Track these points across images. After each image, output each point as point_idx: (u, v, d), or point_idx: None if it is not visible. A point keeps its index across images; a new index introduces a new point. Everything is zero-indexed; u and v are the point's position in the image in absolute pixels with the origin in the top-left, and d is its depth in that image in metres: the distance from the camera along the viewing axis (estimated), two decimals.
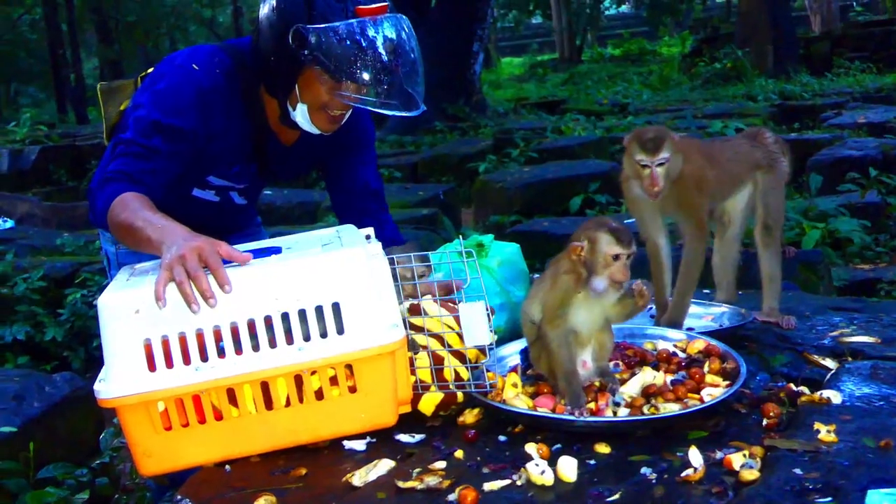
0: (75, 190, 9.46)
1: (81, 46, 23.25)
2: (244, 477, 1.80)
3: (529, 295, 2.05)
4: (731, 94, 14.25)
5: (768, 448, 1.72)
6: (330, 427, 1.88)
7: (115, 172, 2.15)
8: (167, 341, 1.80)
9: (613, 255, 1.91)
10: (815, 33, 19.51)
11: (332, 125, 2.29)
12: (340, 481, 1.72)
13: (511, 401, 1.92)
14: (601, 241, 1.91)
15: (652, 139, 2.33)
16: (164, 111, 2.20)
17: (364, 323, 1.84)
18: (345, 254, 1.89)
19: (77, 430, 3.30)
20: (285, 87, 2.22)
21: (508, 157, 9.45)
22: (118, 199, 2.10)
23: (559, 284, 1.95)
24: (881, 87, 13.37)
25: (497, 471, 1.71)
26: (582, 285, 1.93)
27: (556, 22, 29.27)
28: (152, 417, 1.82)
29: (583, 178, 7.63)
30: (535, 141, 10.15)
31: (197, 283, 1.79)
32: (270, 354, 1.82)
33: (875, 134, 8.44)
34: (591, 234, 1.93)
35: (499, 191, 7.39)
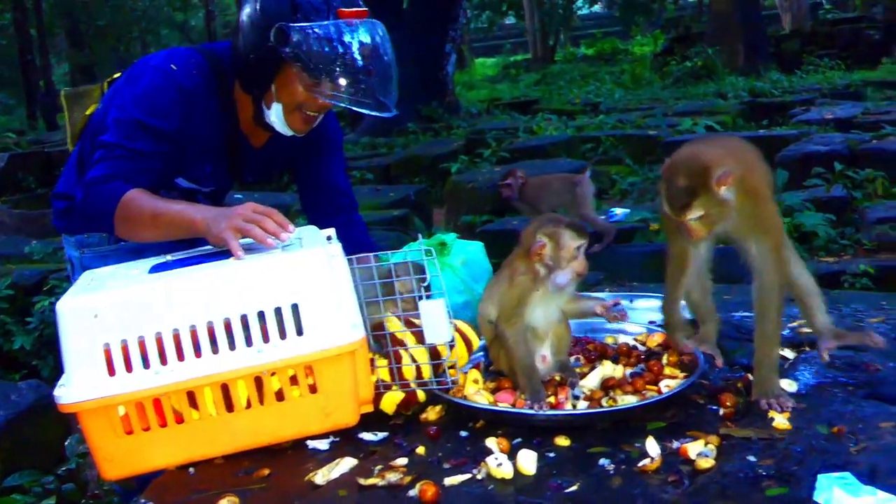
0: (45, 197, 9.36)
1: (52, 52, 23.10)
2: (208, 479, 1.81)
3: (485, 295, 2.07)
4: (702, 92, 14.34)
5: (724, 437, 1.75)
6: (292, 428, 1.89)
7: (106, 176, 2.18)
8: (126, 345, 1.80)
9: (577, 246, 1.94)
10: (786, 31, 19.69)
11: (305, 126, 2.32)
12: (303, 480, 1.74)
13: (472, 397, 1.94)
14: (563, 237, 1.93)
15: (678, 195, 1.83)
16: (145, 112, 2.23)
17: (324, 323, 1.85)
18: (304, 255, 1.90)
19: (44, 438, 3.29)
20: (262, 84, 2.26)
21: (480, 158, 9.47)
22: (125, 197, 2.16)
23: (516, 284, 1.97)
24: (849, 83, 13.50)
25: (458, 466, 1.72)
26: (540, 283, 1.95)
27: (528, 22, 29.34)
28: (113, 422, 1.82)
29: None
30: (507, 141, 10.17)
31: (264, 225, 1.93)
32: (230, 356, 1.82)
33: (842, 129, 8.52)
34: (551, 231, 1.95)
35: (470, 191, 7.40)
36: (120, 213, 2.16)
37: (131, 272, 2.00)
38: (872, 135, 7.70)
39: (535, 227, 1.98)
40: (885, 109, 9.57)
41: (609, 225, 4.87)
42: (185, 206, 2.13)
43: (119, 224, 2.18)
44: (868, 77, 14.08)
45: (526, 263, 1.96)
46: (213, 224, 2.00)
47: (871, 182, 6.45)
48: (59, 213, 2.57)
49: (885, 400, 1.90)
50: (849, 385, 1.98)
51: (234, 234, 1.95)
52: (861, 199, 6.32)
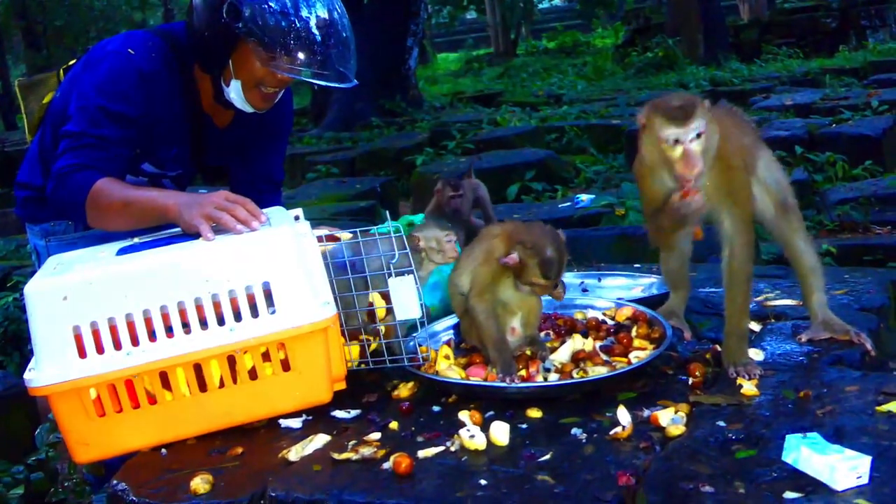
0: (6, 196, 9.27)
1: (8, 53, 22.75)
2: (181, 459, 1.81)
3: (458, 266, 2.09)
4: (664, 82, 14.43)
5: (694, 404, 1.78)
6: (265, 406, 1.90)
7: (75, 165, 2.17)
8: (97, 327, 1.79)
9: (538, 284, 1.95)
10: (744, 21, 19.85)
11: (265, 103, 2.32)
12: (277, 458, 1.74)
13: (444, 372, 1.95)
14: (530, 269, 1.93)
15: (681, 106, 1.83)
16: (107, 98, 2.21)
17: (295, 301, 1.85)
18: (273, 233, 1.90)
19: (12, 429, 3.26)
20: (219, 62, 2.25)
21: (445, 150, 9.47)
22: (96, 186, 2.14)
23: (489, 265, 1.99)
24: (808, 71, 13.65)
25: (431, 439, 1.74)
26: (510, 276, 1.97)
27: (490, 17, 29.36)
28: (85, 404, 1.82)
29: (519, 167, 7.68)
30: (472, 132, 10.18)
31: (236, 214, 1.92)
32: (202, 336, 1.82)
33: (801, 115, 8.62)
34: (524, 253, 1.93)
35: (436, 182, 7.40)
36: (91, 202, 2.14)
37: (99, 255, 1.99)
38: (832, 119, 7.80)
39: (521, 236, 1.95)
40: (843, 95, 9.70)
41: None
42: (158, 193, 2.12)
43: (90, 213, 2.16)
44: (826, 64, 14.23)
45: (503, 248, 1.96)
46: (186, 210, 1.99)
47: (831, 165, 6.54)
48: (21, 202, 2.54)
49: (849, 366, 1.94)
50: (814, 353, 2.02)
51: (205, 221, 1.94)
52: (822, 181, 6.40)
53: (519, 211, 5.75)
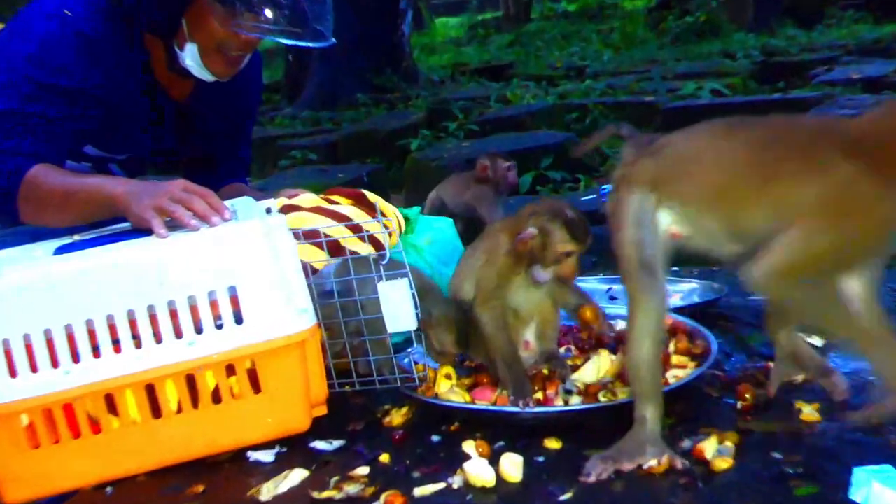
0: None
1: None
2: (129, 498, 1.81)
3: (458, 271, 2.10)
4: (706, 51, 14.47)
5: (743, 432, 1.78)
6: (231, 436, 1.90)
7: (5, 151, 2.17)
8: (30, 340, 1.79)
9: (565, 252, 1.95)
10: None
11: (229, 68, 2.32)
12: (245, 496, 1.74)
13: (445, 395, 1.96)
14: (554, 235, 1.95)
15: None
16: (41, 69, 2.21)
17: (266, 310, 1.86)
18: (240, 228, 1.90)
19: None
20: (171, 23, 2.24)
21: (445, 132, 9.51)
22: (30, 174, 2.17)
23: (496, 263, 2.00)
24: (879, 38, 13.67)
25: (429, 474, 1.74)
26: (521, 267, 1.98)
27: None
28: (15, 433, 1.82)
29: (533, 153, 7.70)
30: (477, 112, 10.22)
31: (192, 206, 1.92)
32: (156, 351, 1.83)
33: (871, 90, 8.65)
34: (544, 223, 1.96)
35: (435, 170, 7.42)
36: (24, 193, 2.15)
37: (33, 254, 2.00)
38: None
39: (534, 211, 2.00)
40: None
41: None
42: (103, 180, 2.13)
43: (24, 206, 2.17)
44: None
45: (511, 241, 1.98)
46: (135, 201, 2.00)
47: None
48: None
49: None
50: None
51: (158, 214, 1.95)
52: None
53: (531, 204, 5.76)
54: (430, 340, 2.02)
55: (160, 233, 1.91)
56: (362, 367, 2.05)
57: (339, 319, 2.01)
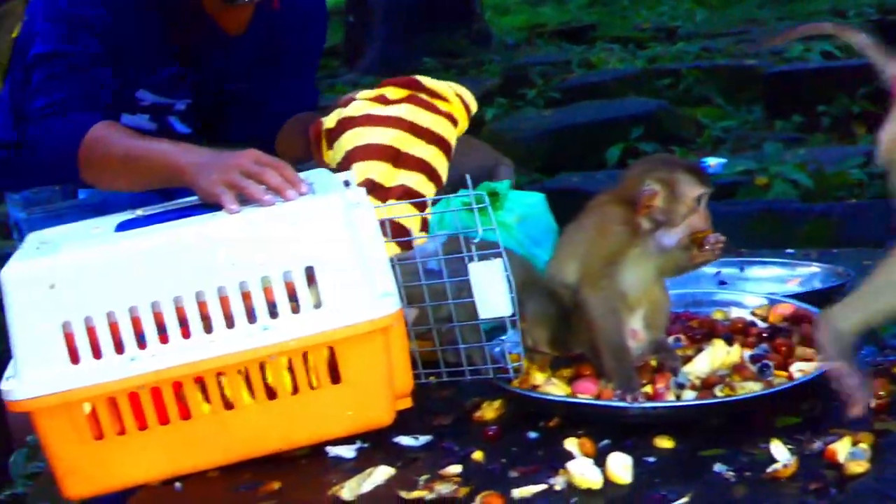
0: None
1: None
2: (200, 496, 1.83)
3: (558, 254, 2.08)
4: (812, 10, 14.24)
5: (880, 433, 1.75)
6: (308, 429, 1.90)
7: (59, 102, 2.20)
8: (92, 324, 1.81)
9: (697, 196, 1.95)
10: None
11: None
12: (325, 495, 1.75)
13: (543, 387, 1.95)
14: (681, 185, 1.94)
15: None
16: (77, 2, 2.23)
17: (346, 292, 1.86)
18: (317, 203, 1.91)
19: None
20: None
21: (523, 100, 9.48)
22: (92, 132, 2.17)
23: (609, 237, 1.98)
24: None
25: (528, 474, 1.73)
26: (641, 238, 1.96)
27: None
28: (77, 423, 1.84)
29: (621, 122, 7.67)
30: (558, 78, 10.17)
31: (265, 179, 1.91)
32: (227, 337, 1.83)
33: None
34: (664, 175, 1.95)
35: (513, 142, 7.42)
36: (84, 154, 2.17)
37: (93, 231, 2.02)
38: None
39: (643, 170, 1.99)
40: None
41: None
42: (168, 147, 2.14)
43: (84, 168, 2.19)
44: None
45: (624, 211, 1.96)
46: (203, 174, 2.01)
47: None
48: None
49: None
50: None
51: (228, 188, 1.95)
52: None
53: None
54: (524, 336, 2.01)
55: (231, 209, 1.91)
56: (450, 357, 2.05)
57: (426, 304, 2.00)
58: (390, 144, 2.28)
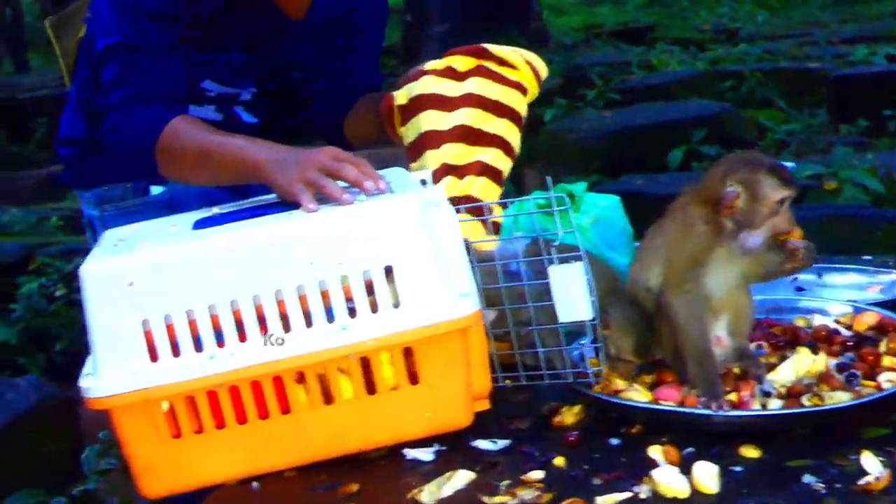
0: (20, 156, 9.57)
1: None
2: (277, 495, 1.82)
3: (639, 258, 2.06)
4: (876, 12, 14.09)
5: None
6: (386, 430, 1.89)
7: (134, 97, 2.20)
8: (171, 322, 1.81)
9: (779, 199, 1.91)
10: None
11: None
12: (404, 498, 1.73)
13: (625, 393, 1.92)
14: (763, 186, 1.91)
15: None
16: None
17: (425, 292, 1.84)
18: (396, 202, 1.89)
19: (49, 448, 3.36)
20: None
21: (583, 101, 9.46)
22: (169, 127, 2.18)
23: (692, 238, 1.95)
24: None
25: (611, 481, 1.70)
26: (725, 239, 1.93)
27: None
28: (156, 422, 1.83)
29: (683, 124, 7.63)
30: (617, 79, 10.14)
31: (344, 175, 1.91)
32: (306, 336, 1.82)
33: None
34: (746, 176, 1.92)
35: (573, 143, 7.43)
36: (161, 146, 2.18)
37: (170, 228, 2.02)
38: None
39: (726, 170, 1.95)
40: None
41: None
42: (244, 143, 2.14)
43: (160, 161, 2.20)
44: None
45: (707, 212, 1.94)
46: (280, 171, 2.00)
47: None
48: (66, 162, 2.61)
49: None
50: None
51: (305, 186, 1.95)
52: None
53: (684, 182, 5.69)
54: (606, 344, 1.98)
55: (309, 207, 1.90)
56: (528, 360, 2.02)
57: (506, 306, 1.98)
58: (462, 124, 2.28)
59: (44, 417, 3.40)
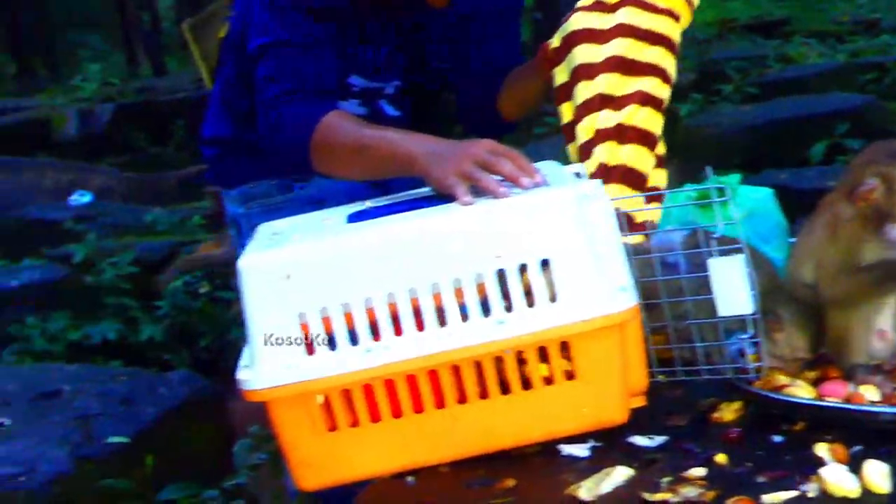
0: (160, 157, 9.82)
1: None
2: (433, 490, 1.82)
3: (795, 253, 2.03)
4: None
5: None
6: (541, 426, 1.87)
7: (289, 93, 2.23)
8: (328, 315, 1.82)
9: None
10: None
11: None
12: (562, 494, 1.71)
13: (788, 389, 1.87)
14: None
15: None
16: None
17: (582, 286, 1.82)
18: (552, 195, 1.88)
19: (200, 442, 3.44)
20: None
21: (719, 95, 9.32)
22: (324, 121, 2.21)
23: (840, 233, 1.91)
24: None
25: (776, 479, 1.66)
26: (872, 232, 1.88)
27: None
28: (312, 414, 1.84)
29: (825, 118, 7.48)
30: (754, 73, 9.97)
31: (500, 169, 1.90)
32: (462, 330, 1.81)
33: None
34: (885, 169, 1.86)
35: (711, 138, 7.34)
36: (316, 141, 2.20)
37: (324, 222, 2.03)
38: None
39: (866, 161, 1.91)
40: None
41: None
42: (400, 136, 2.15)
43: (316, 156, 2.23)
44: None
45: (853, 206, 1.88)
46: (436, 164, 2.00)
47: None
48: (211, 162, 2.65)
49: None
50: None
51: (461, 179, 1.94)
52: None
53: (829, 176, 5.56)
54: (775, 344, 1.94)
55: (465, 200, 1.90)
56: (685, 354, 1.99)
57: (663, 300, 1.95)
58: (615, 55, 2.26)
59: (194, 411, 3.48)
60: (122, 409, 3.28)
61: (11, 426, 3.43)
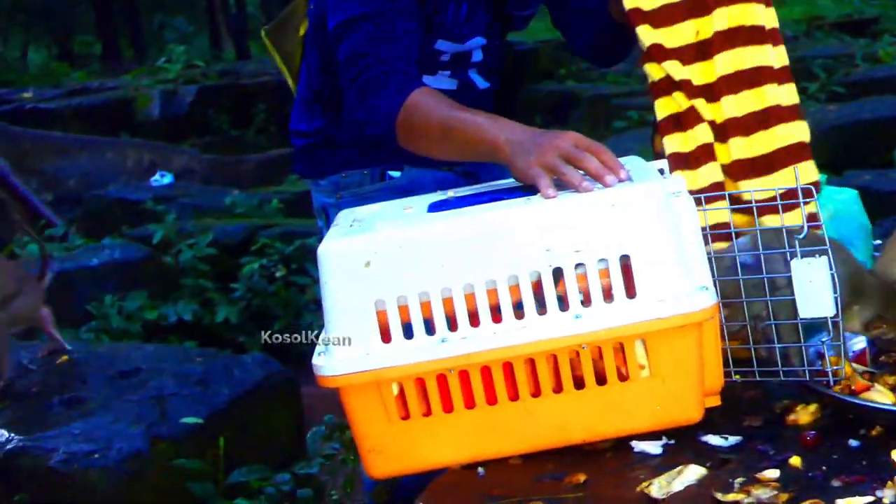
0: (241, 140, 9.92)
1: None
2: (503, 483, 1.82)
3: (888, 251, 2.03)
4: None
5: None
6: (614, 422, 1.87)
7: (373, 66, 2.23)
8: (405, 304, 1.83)
9: None
10: None
11: None
12: (634, 491, 1.71)
13: (867, 394, 1.86)
14: None
15: None
16: None
17: (662, 283, 1.81)
18: (636, 191, 1.86)
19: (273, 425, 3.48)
20: None
21: (805, 94, 9.18)
22: (411, 99, 2.20)
23: None
24: None
25: (852, 484, 1.65)
26: None
27: None
28: (386, 402, 1.86)
29: None
30: (841, 72, 9.82)
31: (585, 165, 1.90)
32: (539, 323, 1.82)
33: None
34: None
35: None
36: (404, 119, 2.21)
37: (405, 210, 2.04)
38: None
39: None
40: None
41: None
42: (485, 121, 2.13)
43: (401, 132, 2.24)
44: None
45: None
46: (521, 154, 1.99)
47: None
48: (299, 153, 2.65)
49: None
50: None
51: (545, 171, 1.94)
52: None
53: None
54: None
55: (548, 193, 1.89)
56: (762, 355, 1.97)
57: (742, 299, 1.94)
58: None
59: (269, 394, 3.51)
60: (197, 389, 3.32)
61: (88, 404, 3.50)
